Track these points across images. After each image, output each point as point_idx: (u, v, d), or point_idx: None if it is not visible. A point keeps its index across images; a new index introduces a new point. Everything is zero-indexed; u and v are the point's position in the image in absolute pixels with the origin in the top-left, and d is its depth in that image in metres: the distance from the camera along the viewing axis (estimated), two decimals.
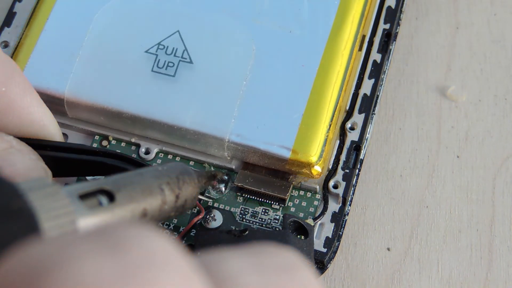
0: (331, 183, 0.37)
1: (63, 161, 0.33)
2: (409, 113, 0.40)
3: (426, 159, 0.39)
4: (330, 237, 0.36)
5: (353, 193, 0.37)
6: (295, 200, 0.36)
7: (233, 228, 0.36)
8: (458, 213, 0.38)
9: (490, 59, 0.41)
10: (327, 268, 0.36)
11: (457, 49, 0.41)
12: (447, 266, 0.37)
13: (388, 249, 0.37)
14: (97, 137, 0.38)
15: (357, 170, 0.37)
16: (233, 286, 0.21)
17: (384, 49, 0.39)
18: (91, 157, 0.33)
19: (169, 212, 0.30)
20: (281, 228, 0.35)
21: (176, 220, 0.36)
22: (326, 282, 0.36)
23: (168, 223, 0.36)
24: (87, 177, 0.36)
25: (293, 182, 0.36)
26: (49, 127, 0.33)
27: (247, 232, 0.33)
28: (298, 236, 0.34)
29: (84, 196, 0.28)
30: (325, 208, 0.36)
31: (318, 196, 0.36)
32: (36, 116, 0.32)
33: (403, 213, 0.38)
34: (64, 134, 0.38)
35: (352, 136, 0.37)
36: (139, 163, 0.33)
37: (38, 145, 0.32)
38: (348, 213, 0.36)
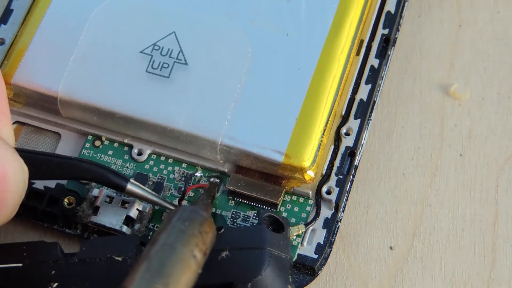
0: (324, 188, 0.36)
1: (35, 162, 0.33)
2: (411, 111, 0.40)
3: (429, 158, 0.39)
4: (322, 243, 0.35)
5: (347, 199, 0.36)
6: (287, 205, 0.36)
7: None
8: (461, 211, 0.37)
9: (493, 57, 0.41)
10: (317, 274, 0.35)
11: (460, 47, 0.41)
12: (450, 265, 0.36)
13: (391, 248, 0.37)
14: (90, 137, 0.37)
15: (351, 176, 0.36)
16: None
17: (382, 54, 0.39)
18: (63, 159, 0.33)
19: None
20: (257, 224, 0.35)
21: None
22: (328, 281, 0.36)
23: None
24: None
25: (286, 187, 0.36)
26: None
27: (222, 230, 0.32)
28: (274, 231, 0.33)
29: None
30: (317, 214, 0.36)
31: (310, 202, 0.36)
32: None
33: (405, 211, 0.37)
34: (57, 134, 0.38)
35: (347, 141, 0.37)
36: (113, 172, 0.34)
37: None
38: (340, 220, 0.36)
